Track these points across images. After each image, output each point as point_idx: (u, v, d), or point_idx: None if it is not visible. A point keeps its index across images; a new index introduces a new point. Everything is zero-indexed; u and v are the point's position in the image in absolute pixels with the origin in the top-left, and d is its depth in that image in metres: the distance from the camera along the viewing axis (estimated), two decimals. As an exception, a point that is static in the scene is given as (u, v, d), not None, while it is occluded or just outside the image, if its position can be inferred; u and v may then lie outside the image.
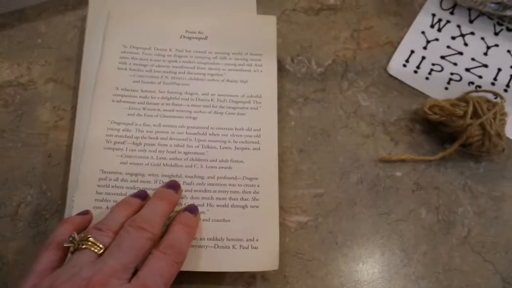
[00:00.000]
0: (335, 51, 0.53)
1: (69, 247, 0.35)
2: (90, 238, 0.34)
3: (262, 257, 0.41)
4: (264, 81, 0.48)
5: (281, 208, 0.45)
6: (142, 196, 0.40)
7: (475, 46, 0.55)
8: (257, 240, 0.41)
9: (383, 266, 0.43)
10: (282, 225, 0.44)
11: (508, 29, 0.56)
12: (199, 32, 0.50)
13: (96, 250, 0.34)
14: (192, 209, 0.40)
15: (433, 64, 0.53)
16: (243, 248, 0.41)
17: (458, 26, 0.56)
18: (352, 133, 0.49)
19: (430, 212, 0.46)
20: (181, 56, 0.48)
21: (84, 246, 0.34)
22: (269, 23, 0.51)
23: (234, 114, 0.46)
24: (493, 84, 0.53)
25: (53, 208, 0.43)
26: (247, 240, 0.41)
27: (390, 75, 0.52)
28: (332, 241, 0.44)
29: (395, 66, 0.52)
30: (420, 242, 0.44)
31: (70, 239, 0.35)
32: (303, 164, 0.47)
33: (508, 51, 0.54)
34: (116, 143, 0.44)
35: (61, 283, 0.32)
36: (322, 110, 0.49)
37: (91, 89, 0.46)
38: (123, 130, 0.44)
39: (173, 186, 0.41)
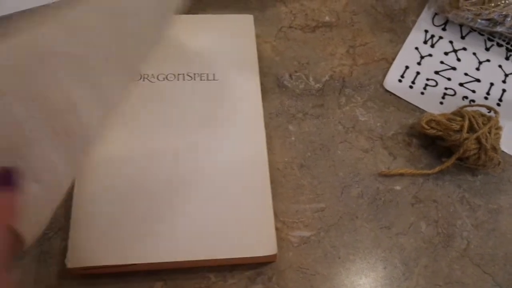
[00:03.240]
0: (332, 67, 0.54)
1: None
2: None
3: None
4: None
5: (283, 223, 0.45)
6: None
7: (467, 61, 0.56)
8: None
9: (385, 280, 0.44)
10: (285, 240, 0.44)
11: (499, 45, 0.57)
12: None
13: None
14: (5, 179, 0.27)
15: (427, 79, 0.54)
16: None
17: (451, 42, 0.57)
18: (352, 147, 0.49)
19: (430, 225, 0.46)
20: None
21: None
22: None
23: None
24: (486, 98, 0.54)
25: (56, 226, 0.43)
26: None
27: (386, 90, 0.53)
28: (335, 255, 0.44)
29: (391, 82, 0.53)
30: (420, 255, 0.45)
31: None
32: (304, 179, 0.47)
33: (499, 66, 0.56)
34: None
35: None
36: (321, 125, 0.50)
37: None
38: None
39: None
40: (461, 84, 0.54)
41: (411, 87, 0.53)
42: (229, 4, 0.56)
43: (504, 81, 0.55)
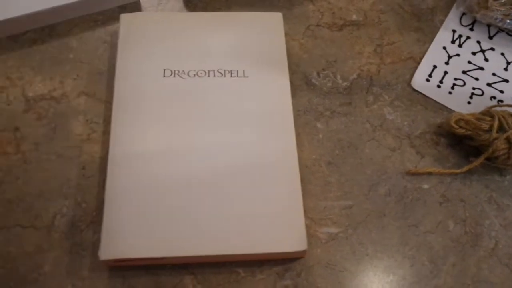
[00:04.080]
0: (360, 65, 0.54)
1: None
2: None
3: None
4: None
5: (311, 219, 0.45)
6: None
7: (495, 62, 0.56)
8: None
9: (413, 278, 0.44)
10: (313, 236, 0.45)
11: (527, 45, 0.57)
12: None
13: None
14: None
15: (455, 79, 0.54)
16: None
17: (478, 42, 0.57)
18: (379, 146, 0.49)
19: (458, 224, 0.46)
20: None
21: None
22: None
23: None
24: (514, 98, 0.54)
25: (88, 219, 0.44)
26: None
27: (414, 89, 0.53)
28: (363, 252, 0.44)
29: (418, 81, 0.53)
30: (448, 253, 0.45)
31: None
32: (332, 176, 0.48)
33: (528, 67, 0.56)
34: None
35: None
36: (349, 123, 0.50)
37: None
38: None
39: None
40: (489, 84, 0.54)
41: (439, 86, 0.53)
42: (255, 2, 0.57)
43: (532, 82, 0.55)
